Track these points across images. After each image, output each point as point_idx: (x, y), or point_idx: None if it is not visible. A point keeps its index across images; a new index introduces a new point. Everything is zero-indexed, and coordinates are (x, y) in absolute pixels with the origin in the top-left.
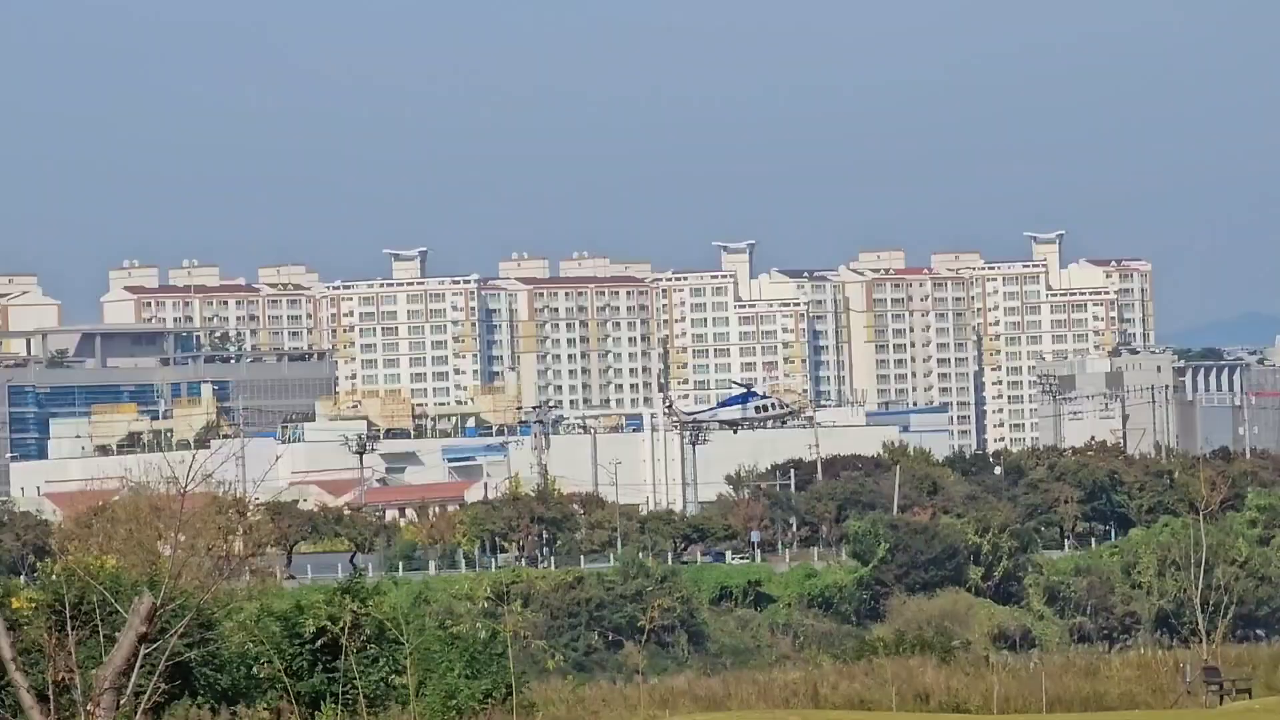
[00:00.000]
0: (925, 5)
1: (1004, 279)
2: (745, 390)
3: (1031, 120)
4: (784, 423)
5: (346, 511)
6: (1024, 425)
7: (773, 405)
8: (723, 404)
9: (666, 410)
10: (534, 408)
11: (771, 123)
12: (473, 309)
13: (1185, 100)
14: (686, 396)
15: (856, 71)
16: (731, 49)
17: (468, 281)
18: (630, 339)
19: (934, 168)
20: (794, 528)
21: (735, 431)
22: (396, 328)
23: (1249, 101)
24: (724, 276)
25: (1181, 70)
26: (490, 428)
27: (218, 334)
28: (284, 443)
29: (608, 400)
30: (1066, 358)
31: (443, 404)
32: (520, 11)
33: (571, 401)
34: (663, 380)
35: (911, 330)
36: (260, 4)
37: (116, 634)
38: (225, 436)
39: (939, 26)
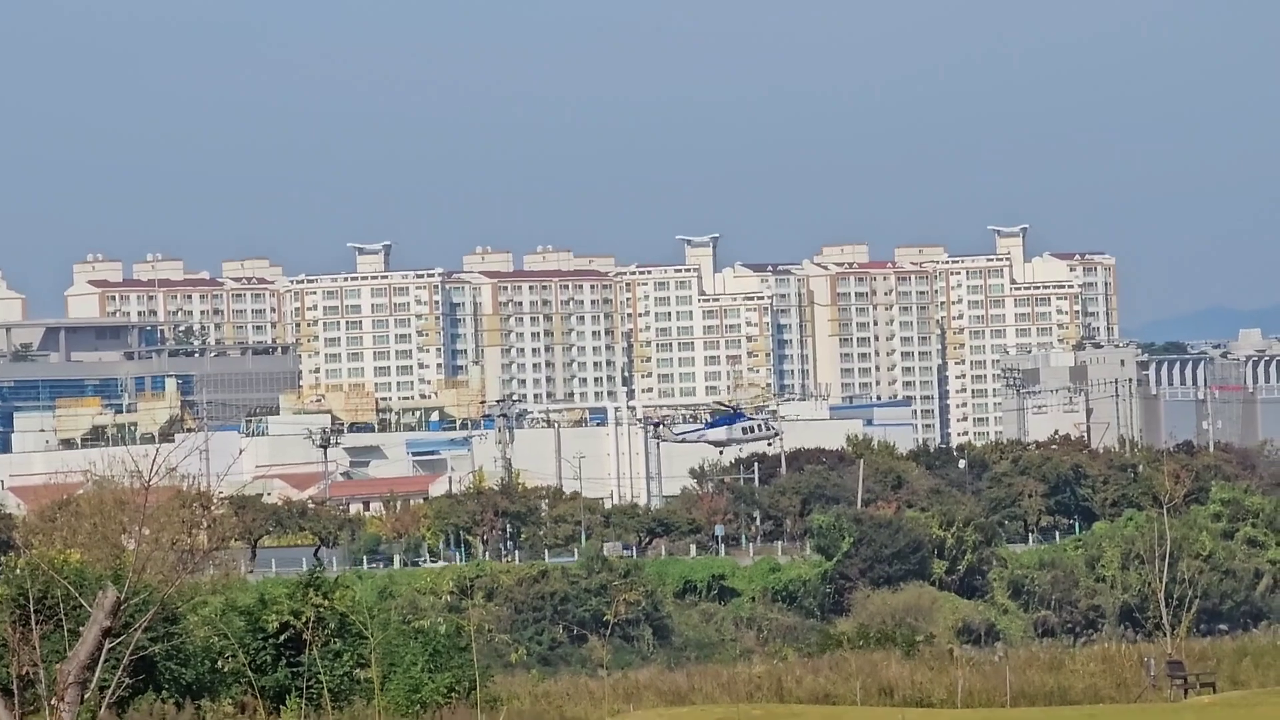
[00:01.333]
0: (890, 6)
1: (968, 273)
2: (733, 411)
3: (995, 115)
4: (770, 444)
5: (310, 505)
6: (988, 419)
7: (760, 427)
8: (710, 424)
9: (654, 430)
10: (498, 401)
11: (736, 117)
12: (437, 303)
13: (1149, 96)
14: (650, 390)
15: (821, 69)
16: (697, 46)
17: (431, 275)
18: (594, 333)
19: (898, 162)
20: (758, 521)
21: (721, 453)
22: (360, 321)
23: (1213, 98)
24: (688, 270)
25: (1145, 67)
26: (454, 421)
27: (182, 328)
28: (248, 436)
29: (571, 394)
30: (1030, 351)
31: (407, 398)
32: (486, 9)
33: (535, 395)
34: (626, 374)
35: (875, 324)
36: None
37: (81, 628)
38: (189, 430)
39: (904, 27)
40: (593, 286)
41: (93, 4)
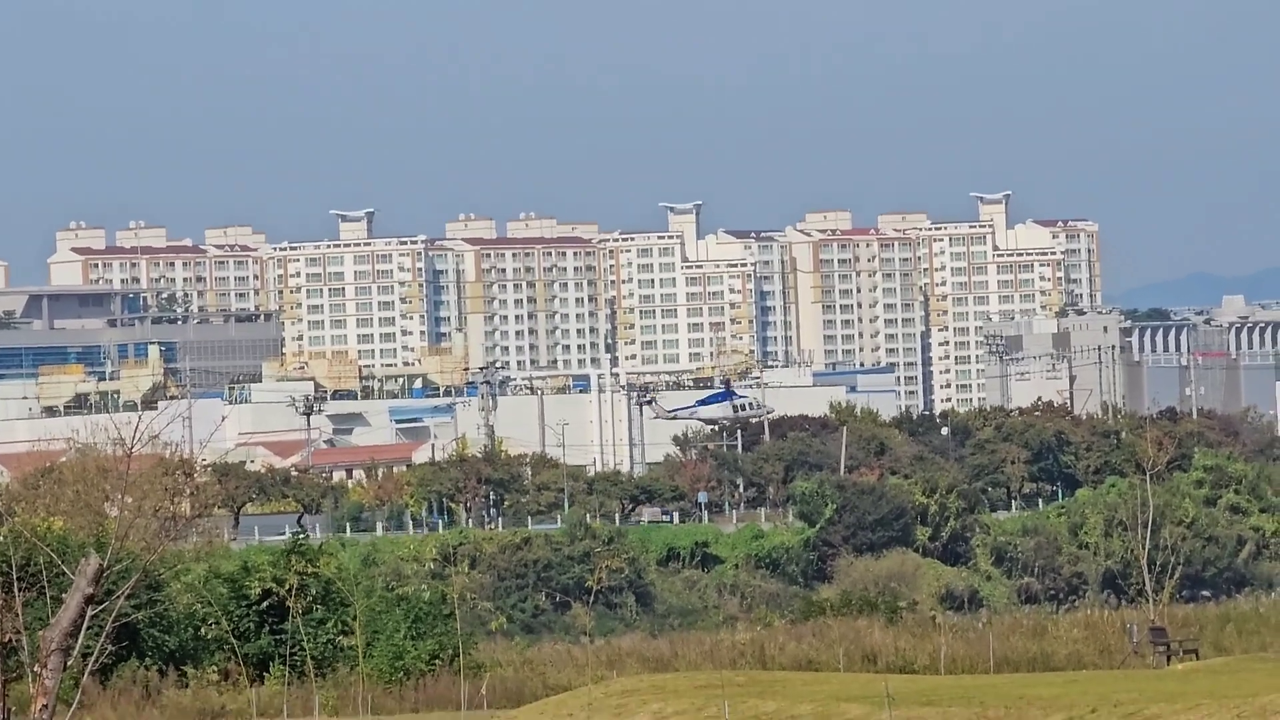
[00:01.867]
0: None
1: (950, 239)
2: (725, 389)
3: (978, 82)
4: (763, 423)
5: (293, 473)
6: (971, 386)
7: (751, 404)
8: (703, 402)
9: (649, 403)
10: (481, 369)
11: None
12: (420, 270)
13: (1132, 63)
14: (634, 357)
15: (805, 36)
16: (680, 14)
17: (415, 242)
18: (577, 300)
19: (881, 129)
20: (741, 488)
21: (715, 429)
22: (343, 289)
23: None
24: (671, 237)
25: (1129, 34)
26: (437, 389)
27: (164, 295)
28: (231, 404)
29: (555, 361)
30: (1013, 318)
31: (390, 365)
32: None
33: (519, 362)
34: (609, 341)
35: (858, 291)
36: None
37: (64, 595)
38: (172, 397)
39: None
40: (576, 253)
41: None
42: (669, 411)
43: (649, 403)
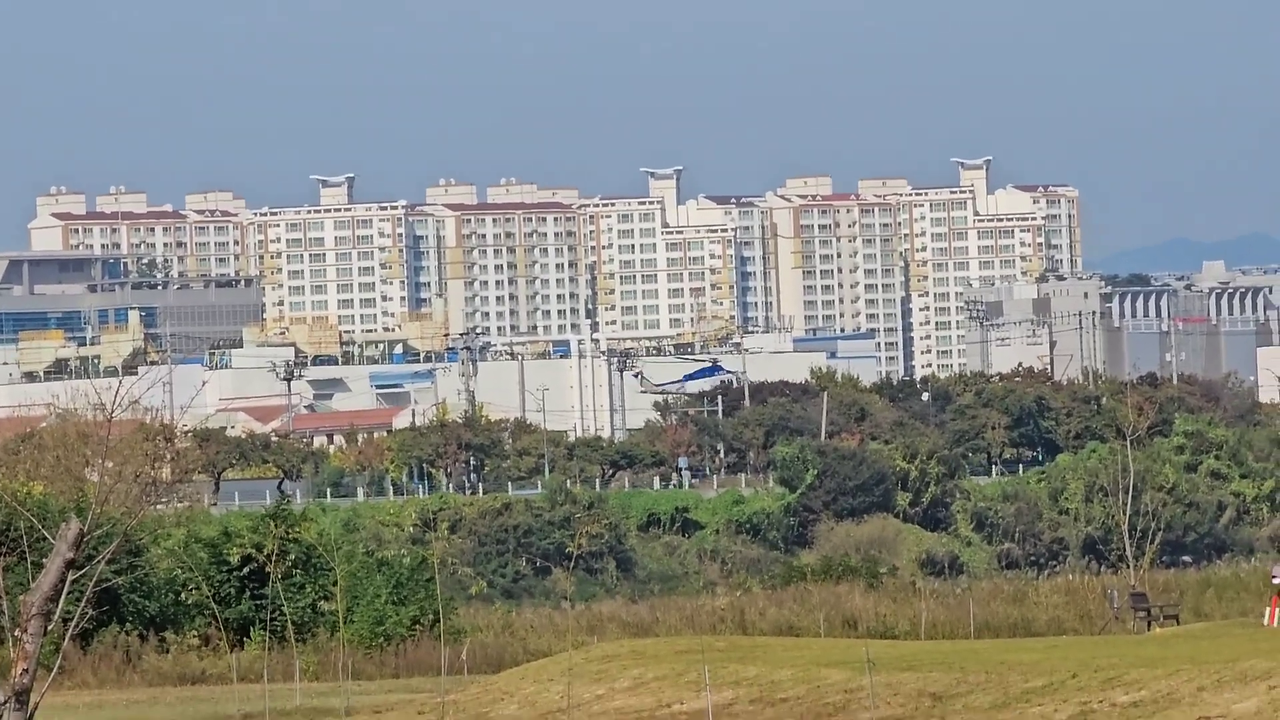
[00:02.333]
0: None
1: (931, 205)
2: (712, 364)
3: (959, 47)
4: (744, 389)
5: (274, 438)
6: (951, 351)
7: (738, 378)
8: (690, 376)
9: (637, 376)
10: (461, 334)
11: (699, 49)
12: (400, 235)
13: (1112, 28)
14: (614, 323)
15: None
16: None
17: (395, 208)
18: (558, 265)
19: (861, 94)
20: (722, 454)
21: (704, 403)
22: (324, 254)
23: (1176, 30)
24: (651, 203)
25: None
26: (418, 354)
27: (145, 260)
28: (211, 369)
29: (535, 326)
30: (994, 284)
31: (370, 330)
32: None
33: (499, 328)
34: (590, 307)
35: (839, 256)
36: None
37: (44, 560)
38: (152, 363)
39: None
40: (556, 219)
41: None
42: (656, 386)
43: (636, 375)
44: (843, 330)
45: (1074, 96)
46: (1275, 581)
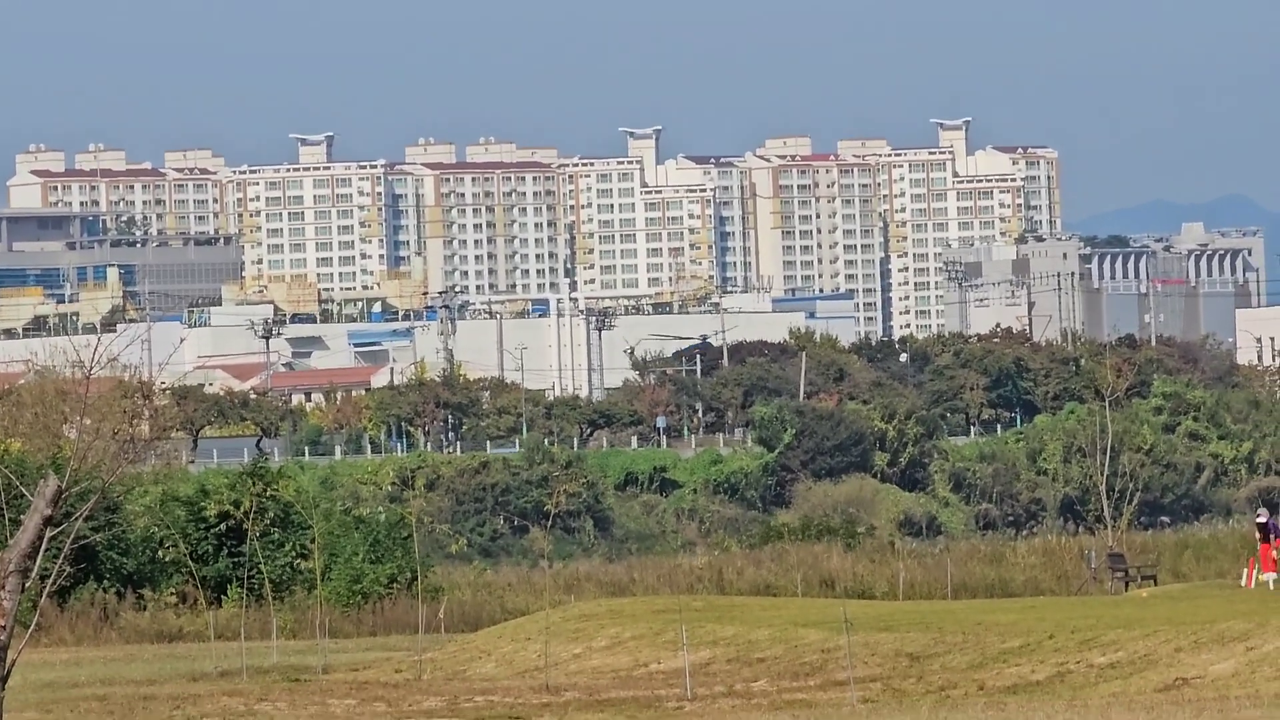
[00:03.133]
0: None
1: (910, 166)
2: (703, 339)
3: (939, 7)
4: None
5: (252, 396)
6: (930, 312)
7: (718, 336)
8: (679, 353)
9: (629, 353)
10: (440, 293)
11: (679, 9)
12: (379, 194)
13: None
14: (593, 282)
15: None
16: None
17: (374, 166)
18: (536, 224)
19: (841, 55)
20: (700, 413)
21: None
22: (303, 212)
23: None
24: (630, 163)
25: None
26: (396, 313)
27: (124, 218)
28: (190, 327)
29: (514, 285)
30: (973, 244)
31: (349, 289)
32: None
33: (478, 287)
34: (569, 266)
35: (818, 217)
36: None
37: (22, 517)
38: (131, 320)
39: None
40: (535, 178)
41: None
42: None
43: (628, 353)
44: (821, 290)
45: (1054, 58)
46: (1260, 520)
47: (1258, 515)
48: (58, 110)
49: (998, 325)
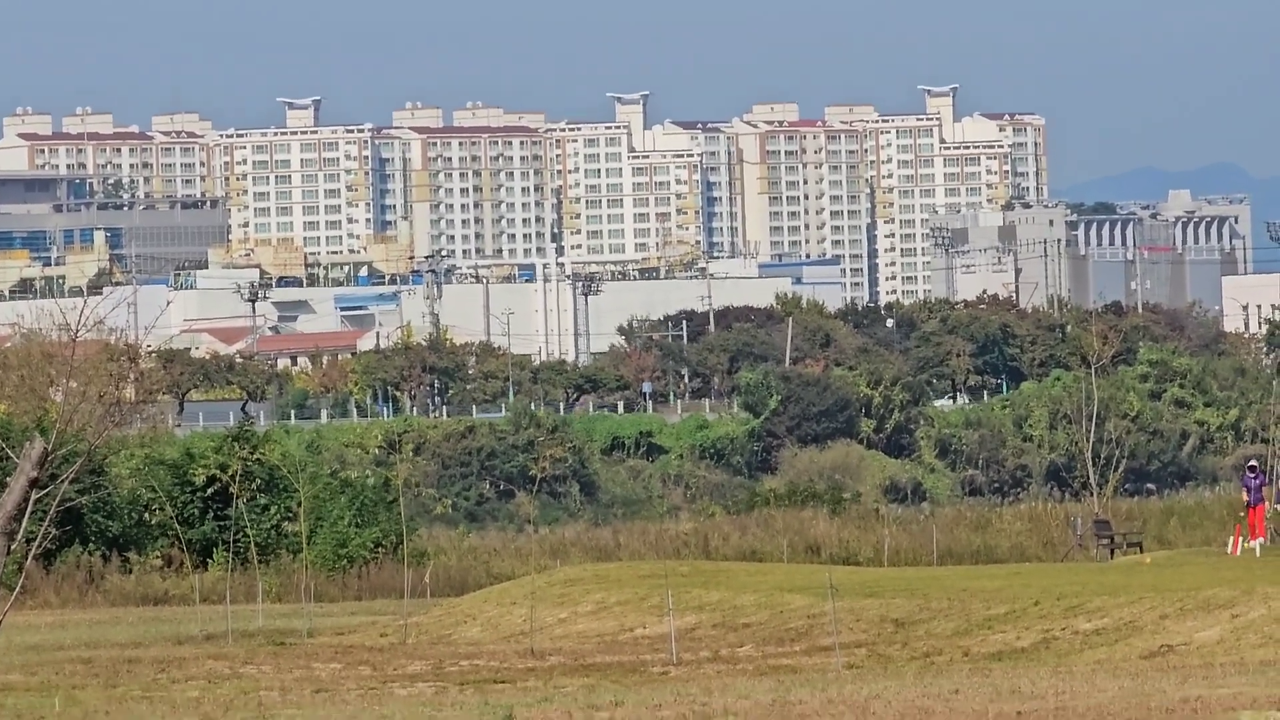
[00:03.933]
0: None
1: (897, 132)
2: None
3: None
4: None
5: (238, 360)
6: (916, 278)
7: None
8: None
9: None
10: (426, 257)
11: None
12: (366, 158)
13: None
14: (579, 247)
15: None
16: None
17: (361, 130)
18: (523, 189)
19: (829, 20)
20: (686, 379)
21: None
22: (290, 176)
23: None
24: (617, 128)
25: None
26: (383, 277)
27: (111, 181)
28: (176, 290)
29: (500, 250)
30: (959, 211)
31: (335, 253)
32: None
33: (464, 251)
34: (555, 231)
35: (805, 183)
36: None
37: (7, 479)
38: (117, 283)
39: None
40: (522, 143)
41: None
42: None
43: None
44: (808, 256)
45: (1041, 25)
46: (1251, 471)
47: (1249, 467)
48: (45, 73)
49: (984, 292)
